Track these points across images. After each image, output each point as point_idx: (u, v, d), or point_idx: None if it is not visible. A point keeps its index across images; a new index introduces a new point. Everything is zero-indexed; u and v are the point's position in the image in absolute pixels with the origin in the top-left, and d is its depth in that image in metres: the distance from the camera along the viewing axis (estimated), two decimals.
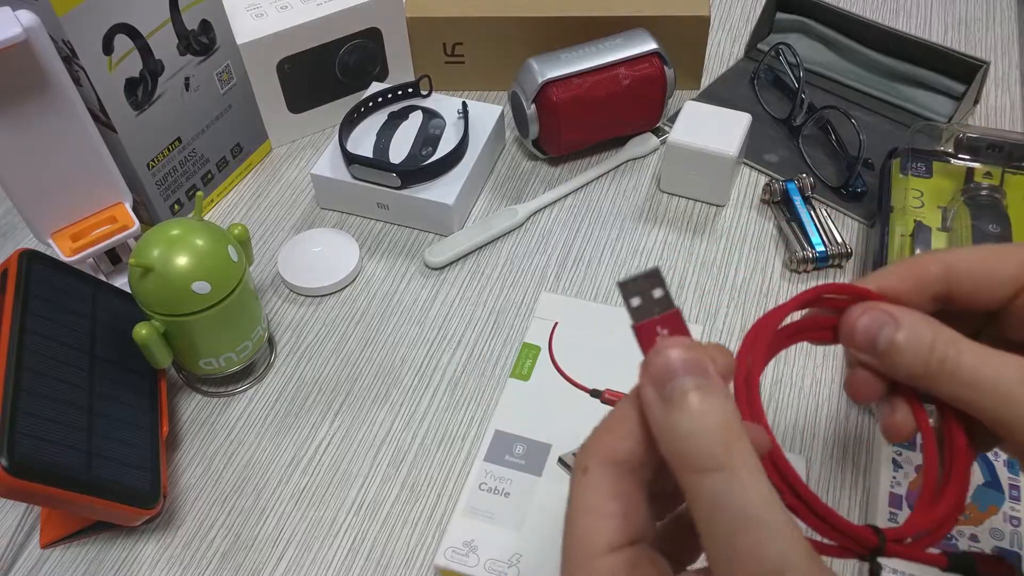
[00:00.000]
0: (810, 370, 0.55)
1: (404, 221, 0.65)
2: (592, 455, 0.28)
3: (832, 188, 0.65)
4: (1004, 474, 0.47)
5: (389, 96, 0.68)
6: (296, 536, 0.50)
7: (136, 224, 0.59)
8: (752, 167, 0.68)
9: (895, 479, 0.47)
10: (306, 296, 0.61)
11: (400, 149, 0.65)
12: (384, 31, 0.69)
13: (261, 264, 0.64)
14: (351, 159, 0.62)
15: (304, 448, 0.53)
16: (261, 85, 0.67)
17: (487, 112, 0.67)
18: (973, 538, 0.45)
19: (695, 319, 0.58)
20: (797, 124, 0.68)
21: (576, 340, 0.53)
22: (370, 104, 0.67)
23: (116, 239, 0.58)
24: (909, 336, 0.29)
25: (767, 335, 0.30)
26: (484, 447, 0.49)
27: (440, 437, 0.53)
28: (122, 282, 0.59)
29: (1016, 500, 0.46)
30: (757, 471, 0.25)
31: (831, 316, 0.32)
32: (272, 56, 0.66)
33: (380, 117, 0.67)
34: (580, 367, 0.52)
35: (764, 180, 0.66)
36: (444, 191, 0.62)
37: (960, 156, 0.59)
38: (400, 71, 0.73)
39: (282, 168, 0.71)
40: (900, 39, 0.70)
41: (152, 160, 0.61)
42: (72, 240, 0.57)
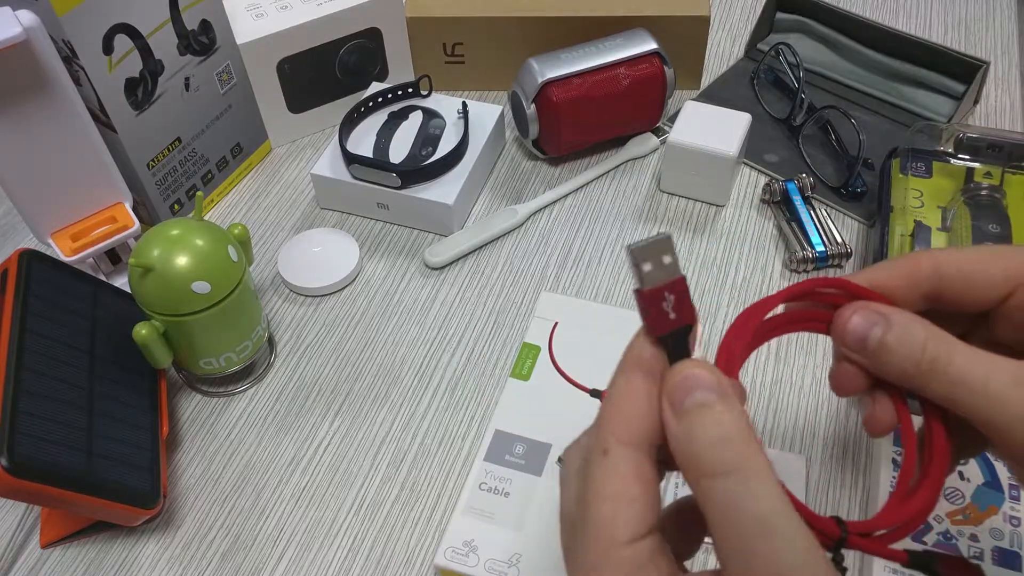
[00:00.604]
0: (810, 370, 0.55)
1: (404, 221, 0.65)
2: (611, 435, 0.27)
3: (832, 188, 0.65)
4: (1004, 474, 0.47)
5: (389, 96, 0.68)
6: (296, 536, 0.50)
7: (136, 224, 0.59)
8: (752, 167, 0.68)
9: (895, 479, 0.47)
10: (306, 296, 0.61)
11: (400, 149, 0.65)
12: (384, 31, 0.69)
13: (261, 264, 0.64)
14: (351, 159, 0.62)
15: (304, 448, 0.53)
16: (261, 85, 0.67)
17: (487, 112, 0.67)
18: (973, 538, 0.45)
19: None
20: (797, 124, 0.68)
21: (576, 340, 0.53)
22: (370, 104, 0.67)
23: (116, 239, 0.58)
24: (900, 336, 0.29)
25: (752, 325, 0.30)
26: (484, 447, 0.49)
27: (440, 437, 0.53)
28: (122, 282, 0.59)
29: (1016, 500, 0.46)
30: (770, 477, 0.25)
31: (823, 310, 0.32)
32: (272, 56, 0.66)
33: (380, 117, 0.67)
34: (580, 367, 0.52)
35: (764, 180, 0.66)
36: (444, 191, 0.62)
37: (960, 156, 0.59)
38: (400, 71, 0.73)
39: (282, 168, 0.71)
40: (900, 39, 0.70)
41: (152, 160, 0.61)
42: (72, 240, 0.57)
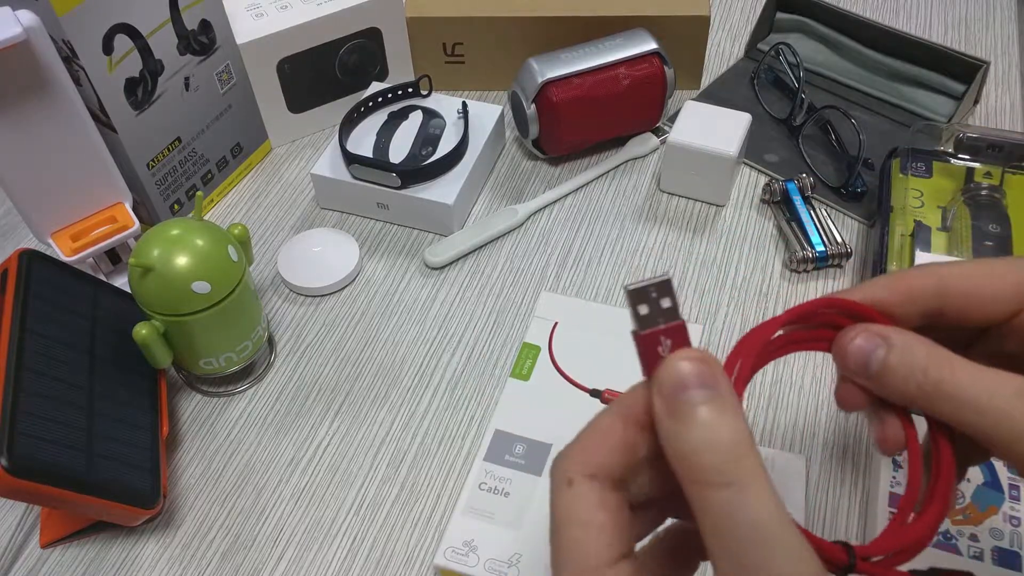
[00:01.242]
0: (810, 370, 0.55)
1: (404, 221, 0.65)
2: (575, 467, 0.28)
3: (832, 188, 0.65)
4: (1004, 474, 0.47)
5: (389, 96, 0.68)
6: (296, 536, 0.50)
7: (136, 224, 0.59)
8: (752, 167, 0.68)
9: (895, 479, 0.47)
10: (306, 296, 0.61)
11: (400, 149, 0.65)
12: (384, 31, 0.69)
13: (261, 264, 0.64)
14: (351, 159, 0.62)
15: (304, 448, 0.53)
16: (261, 85, 0.67)
17: (487, 112, 0.67)
18: (973, 538, 0.45)
19: (695, 319, 0.58)
20: (797, 124, 0.68)
21: (576, 340, 0.53)
22: (370, 104, 0.67)
23: (116, 239, 0.58)
24: (901, 358, 0.29)
25: (756, 346, 0.30)
26: (484, 447, 0.49)
27: (440, 437, 0.53)
28: (122, 282, 0.59)
29: (1016, 500, 0.46)
30: (767, 487, 0.25)
31: (824, 330, 0.31)
32: (272, 56, 0.66)
33: (380, 117, 0.67)
34: (580, 367, 0.52)
35: (764, 180, 0.66)
36: (444, 191, 0.62)
37: (960, 156, 0.59)
38: (400, 71, 0.73)
39: (282, 168, 0.71)
40: (900, 39, 0.70)
41: (152, 160, 0.61)
42: (72, 240, 0.57)
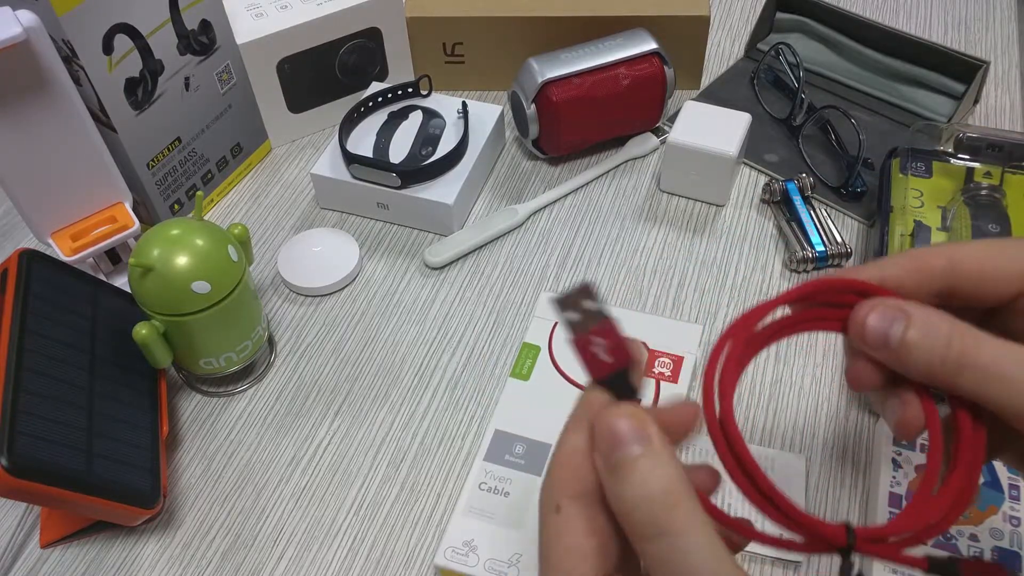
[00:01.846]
0: (810, 370, 0.55)
1: (404, 221, 0.65)
2: (561, 491, 0.28)
3: (832, 188, 0.65)
4: (1004, 474, 0.47)
5: (389, 96, 0.68)
6: (296, 536, 0.50)
7: (136, 224, 0.59)
8: (752, 167, 0.68)
9: (895, 479, 0.47)
10: (306, 296, 0.61)
11: (400, 149, 0.65)
12: (384, 31, 0.69)
13: (261, 264, 0.64)
14: (351, 159, 0.62)
15: (304, 448, 0.53)
16: (261, 85, 0.67)
17: (487, 112, 0.67)
18: (973, 538, 0.45)
19: (695, 319, 0.58)
20: (797, 124, 0.68)
21: None
22: (370, 104, 0.67)
23: (116, 239, 0.58)
24: (924, 331, 0.29)
25: (748, 328, 0.30)
26: (484, 447, 0.49)
27: (440, 437, 0.53)
28: (122, 282, 0.59)
29: (1016, 500, 0.46)
30: (702, 531, 0.26)
31: (833, 309, 0.31)
32: (272, 56, 0.66)
33: (380, 117, 0.67)
34: (580, 367, 0.52)
35: (764, 180, 0.66)
36: (444, 191, 0.62)
37: (960, 156, 0.59)
38: (400, 71, 0.73)
39: (282, 168, 0.71)
40: (900, 39, 0.70)
41: (152, 160, 0.61)
42: (72, 240, 0.57)
